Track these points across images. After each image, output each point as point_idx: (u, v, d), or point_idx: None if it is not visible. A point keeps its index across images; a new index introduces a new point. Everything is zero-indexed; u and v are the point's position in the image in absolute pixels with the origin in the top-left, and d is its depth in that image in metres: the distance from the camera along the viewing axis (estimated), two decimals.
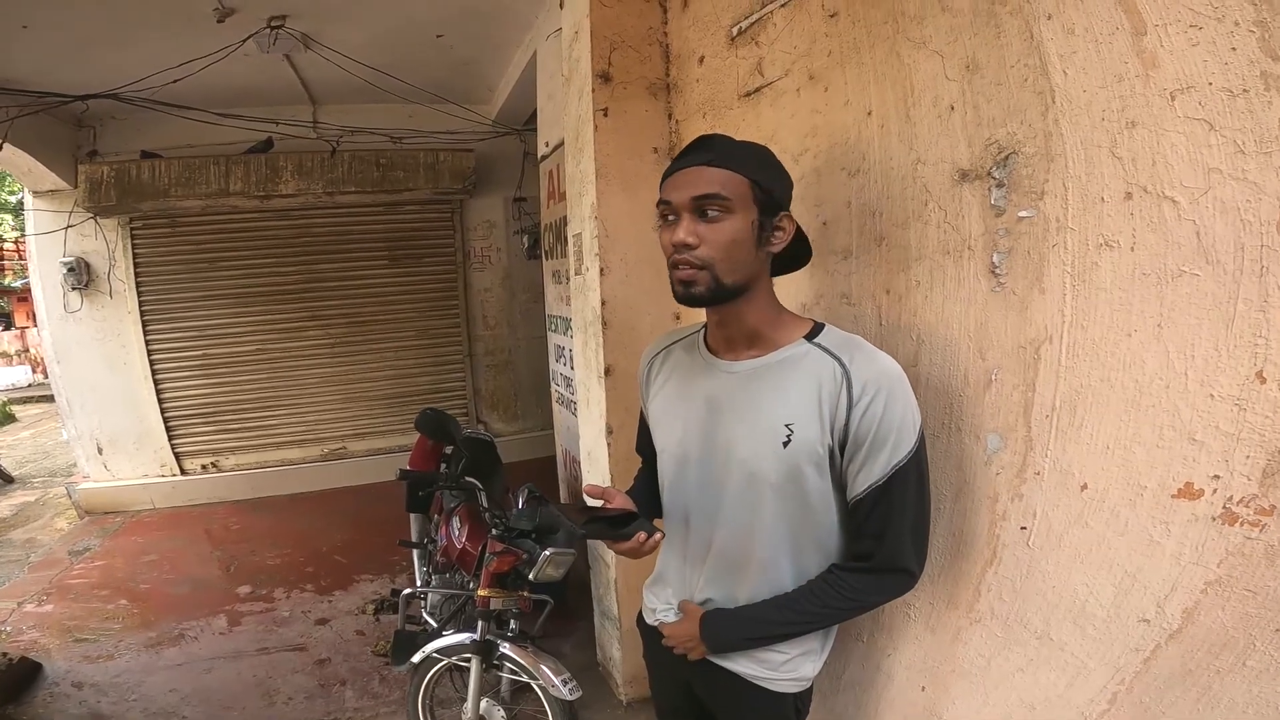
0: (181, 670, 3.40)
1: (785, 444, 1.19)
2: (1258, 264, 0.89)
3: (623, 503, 1.32)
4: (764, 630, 1.30)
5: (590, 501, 1.36)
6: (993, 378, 1.29)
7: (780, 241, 1.24)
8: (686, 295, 1.20)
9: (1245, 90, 0.89)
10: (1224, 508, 0.95)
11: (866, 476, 1.18)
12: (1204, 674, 1.00)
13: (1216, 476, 0.96)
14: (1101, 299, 1.09)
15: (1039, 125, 1.17)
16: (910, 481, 1.17)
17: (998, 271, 1.27)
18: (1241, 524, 0.93)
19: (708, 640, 1.33)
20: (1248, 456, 0.92)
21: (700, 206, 1.17)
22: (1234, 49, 0.90)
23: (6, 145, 4.67)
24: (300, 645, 3.63)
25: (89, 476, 5.90)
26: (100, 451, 5.86)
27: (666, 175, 1.24)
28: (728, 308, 1.24)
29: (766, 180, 1.21)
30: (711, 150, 1.20)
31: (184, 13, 3.77)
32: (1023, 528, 1.25)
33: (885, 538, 1.19)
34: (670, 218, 1.21)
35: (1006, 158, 1.23)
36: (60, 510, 6.12)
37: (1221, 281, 0.93)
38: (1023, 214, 1.21)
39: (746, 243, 1.19)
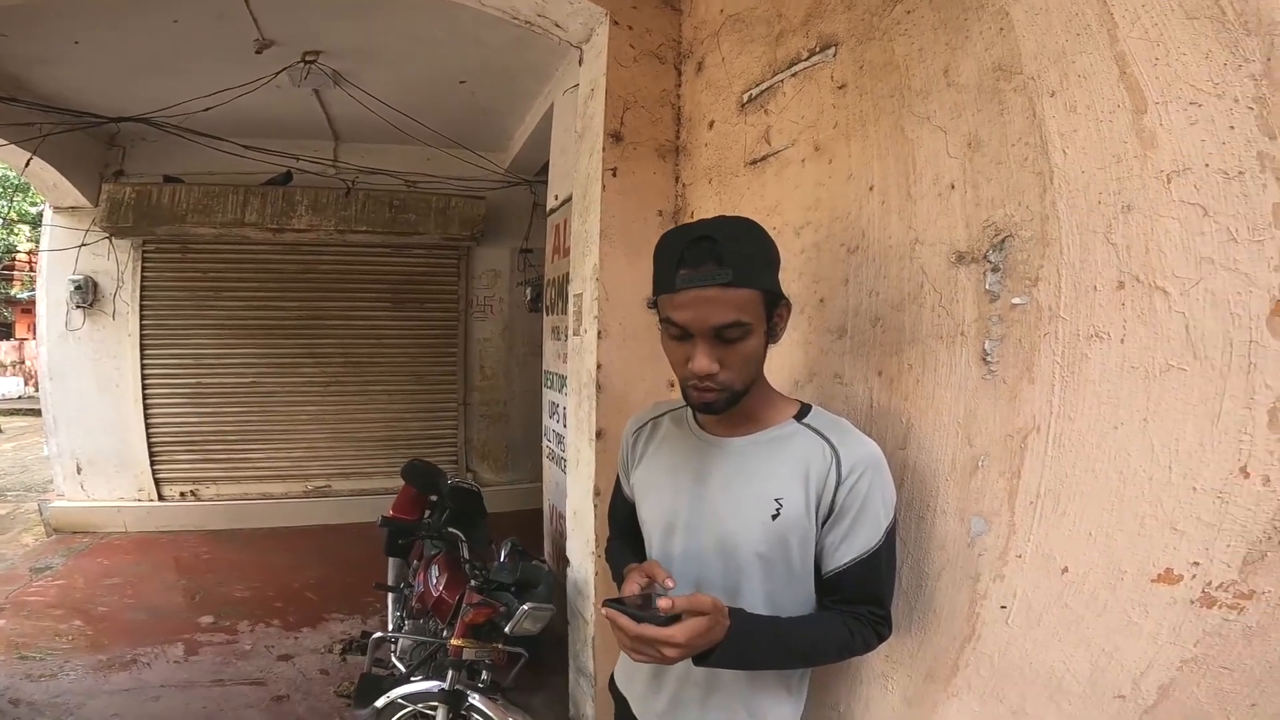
0: (127, 695, 3.27)
1: (774, 516, 1.21)
2: (1245, 360, 0.89)
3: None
4: (791, 644, 1.20)
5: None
6: (979, 464, 1.29)
7: (781, 331, 1.23)
8: (704, 407, 1.21)
9: (1241, 172, 0.89)
10: (1203, 592, 0.94)
11: (849, 549, 1.21)
12: None
13: (1196, 563, 0.95)
14: (1089, 391, 1.09)
15: (1036, 208, 1.17)
16: (885, 553, 1.22)
17: (989, 359, 1.26)
18: (1220, 607, 0.92)
19: (732, 641, 1.11)
20: (1228, 545, 0.91)
21: (721, 334, 1.13)
22: (1232, 127, 0.90)
23: (35, 159, 4.76)
24: (259, 680, 3.50)
25: (63, 495, 5.81)
26: (79, 470, 5.77)
27: (672, 284, 1.13)
28: None
29: (772, 282, 1.19)
30: (725, 263, 1.09)
31: (228, 41, 3.90)
32: (1003, 606, 1.23)
33: (878, 599, 1.24)
34: (679, 334, 1.16)
35: (1003, 241, 1.23)
36: (29, 526, 6.00)
37: (1209, 377, 0.93)
38: (1016, 301, 1.21)
39: (760, 350, 1.20)
